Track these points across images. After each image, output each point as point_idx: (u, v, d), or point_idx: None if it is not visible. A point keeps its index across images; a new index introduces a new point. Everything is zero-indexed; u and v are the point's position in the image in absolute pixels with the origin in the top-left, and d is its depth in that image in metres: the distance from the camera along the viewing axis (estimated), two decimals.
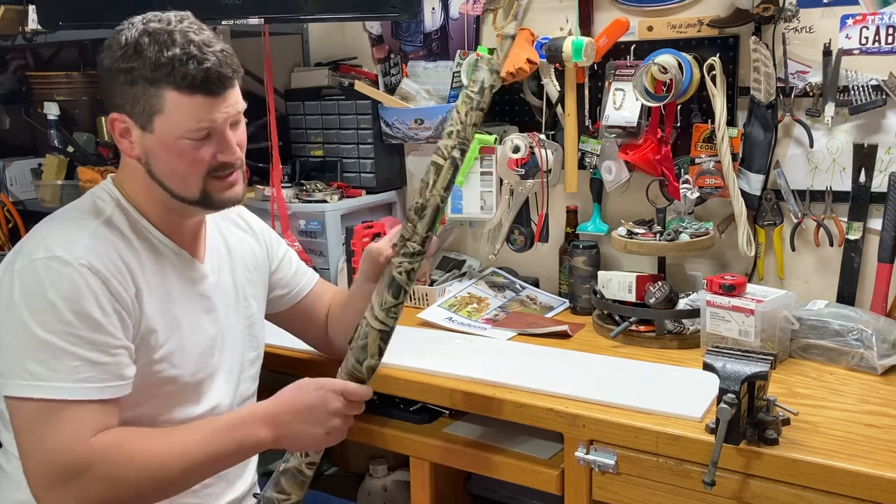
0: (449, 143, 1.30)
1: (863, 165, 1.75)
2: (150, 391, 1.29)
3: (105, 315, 1.21)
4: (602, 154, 1.96)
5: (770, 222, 1.87)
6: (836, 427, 1.35)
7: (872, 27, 1.70)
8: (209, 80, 1.23)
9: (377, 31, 2.34)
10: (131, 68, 1.23)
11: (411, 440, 1.68)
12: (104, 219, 1.30)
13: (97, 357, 1.20)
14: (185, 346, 1.35)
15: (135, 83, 1.23)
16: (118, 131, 1.29)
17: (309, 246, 2.21)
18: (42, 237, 1.26)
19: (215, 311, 1.42)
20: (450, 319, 1.92)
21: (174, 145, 1.26)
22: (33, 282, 1.20)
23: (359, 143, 2.34)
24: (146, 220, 1.34)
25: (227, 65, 1.26)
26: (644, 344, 1.75)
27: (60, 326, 1.18)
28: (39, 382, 1.17)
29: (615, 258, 2.06)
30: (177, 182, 1.30)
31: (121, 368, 1.23)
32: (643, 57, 1.89)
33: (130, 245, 1.30)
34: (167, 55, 1.22)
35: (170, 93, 1.23)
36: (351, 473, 2.31)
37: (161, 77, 1.22)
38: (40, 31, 1.90)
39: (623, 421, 1.40)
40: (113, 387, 1.22)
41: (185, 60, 1.22)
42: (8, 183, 2.65)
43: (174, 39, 1.23)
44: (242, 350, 1.48)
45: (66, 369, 1.18)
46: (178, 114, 1.24)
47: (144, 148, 1.28)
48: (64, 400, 1.18)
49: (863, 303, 1.77)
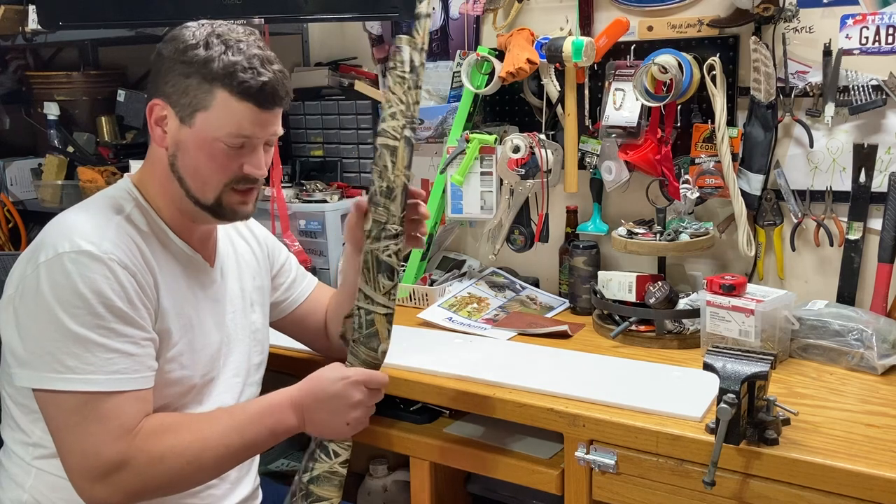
0: (396, 123, 1.31)
1: (863, 165, 1.75)
2: (157, 391, 1.30)
3: (134, 308, 1.24)
4: (602, 154, 1.96)
5: (770, 222, 1.87)
6: (836, 427, 1.35)
7: (872, 27, 1.70)
8: (263, 93, 1.26)
9: (377, 31, 2.34)
10: (192, 61, 1.25)
11: (411, 440, 1.68)
12: (125, 215, 1.31)
13: (130, 349, 1.22)
14: (195, 348, 1.36)
15: (190, 76, 1.26)
16: (155, 118, 1.30)
17: (309, 246, 2.21)
18: (66, 231, 1.25)
19: (224, 316, 1.44)
20: (450, 319, 1.92)
21: (208, 145, 1.28)
22: (62, 275, 1.20)
23: (359, 143, 2.34)
24: (163, 221, 1.35)
25: (283, 85, 1.30)
26: (644, 344, 1.75)
27: (93, 320, 1.19)
28: (75, 375, 1.19)
29: (615, 258, 2.06)
30: (197, 182, 1.31)
31: (151, 359, 1.26)
32: (643, 57, 1.89)
33: (150, 243, 1.32)
34: (231, 59, 1.25)
35: (222, 93, 1.25)
36: (351, 473, 2.30)
37: (219, 76, 1.24)
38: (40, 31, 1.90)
39: (623, 421, 1.40)
40: (145, 377, 1.25)
41: (247, 68, 1.25)
42: (8, 183, 2.65)
43: (241, 48, 1.26)
44: (248, 355, 1.49)
45: (101, 361, 1.19)
46: (224, 116, 1.26)
47: (177, 140, 1.29)
48: (102, 392, 1.19)
49: (863, 303, 1.77)
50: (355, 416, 1.31)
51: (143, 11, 1.90)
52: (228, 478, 1.42)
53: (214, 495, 1.40)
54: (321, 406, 1.30)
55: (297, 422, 1.31)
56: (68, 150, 2.53)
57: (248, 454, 1.33)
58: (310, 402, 1.31)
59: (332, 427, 1.32)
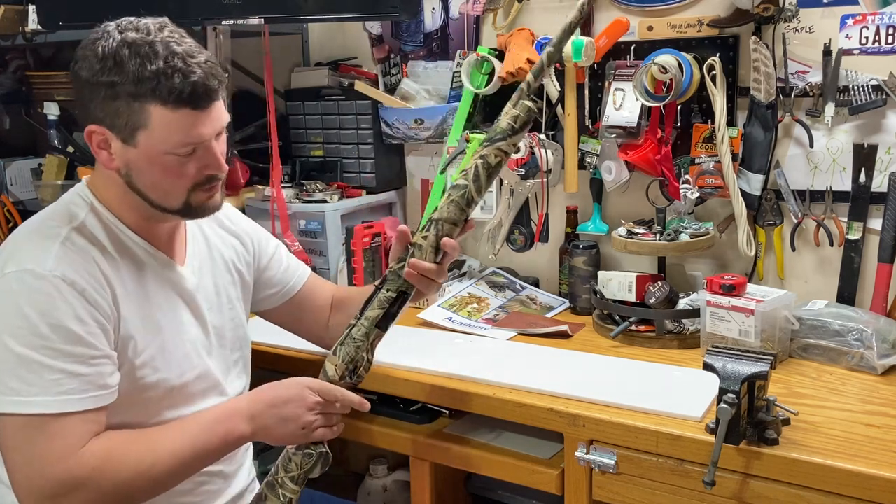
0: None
1: (863, 165, 1.75)
2: (135, 396, 1.28)
3: (83, 325, 1.19)
4: (602, 154, 1.96)
5: (770, 222, 1.87)
6: (836, 427, 1.35)
7: (872, 27, 1.70)
8: (196, 94, 1.20)
9: (377, 31, 2.34)
10: (113, 82, 1.18)
11: (411, 440, 1.68)
12: (77, 224, 1.27)
13: (77, 369, 1.18)
14: (167, 350, 1.32)
15: (117, 98, 1.19)
16: (96, 143, 1.25)
17: (309, 246, 2.21)
18: (12, 250, 1.23)
19: (198, 313, 1.40)
20: (450, 319, 1.92)
21: (159, 160, 1.23)
22: (6, 296, 1.18)
23: (359, 143, 2.34)
24: (122, 222, 1.31)
25: (213, 76, 1.22)
26: (644, 344, 1.75)
27: (37, 340, 1.16)
28: (19, 398, 1.16)
29: (615, 258, 2.06)
30: (159, 194, 1.27)
31: (103, 378, 1.22)
32: (643, 57, 1.89)
33: (105, 250, 1.27)
34: (151, 69, 1.17)
35: (155, 108, 1.19)
36: (351, 473, 2.31)
37: (145, 92, 1.18)
38: (40, 31, 1.90)
39: (623, 421, 1.40)
40: (95, 396, 1.20)
41: (171, 74, 1.18)
42: (8, 183, 2.65)
43: (156, 51, 1.18)
44: (228, 350, 1.47)
45: (46, 383, 1.16)
46: (165, 129, 1.20)
47: (125, 161, 1.25)
48: (47, 414, 1.16)
49: (863, 303, 1.77)
50: (308, 419, 1.30)
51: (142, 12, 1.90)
52: (222, 473, 1.42)
53: (209, 491, 1.40)
54: (274, 412, 1.29)
55: (250, 429, 1.30)
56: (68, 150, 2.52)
57: (204, 462, 1.30)
58: (262, 407, 1.30)
59: (286, 432, 1.31)
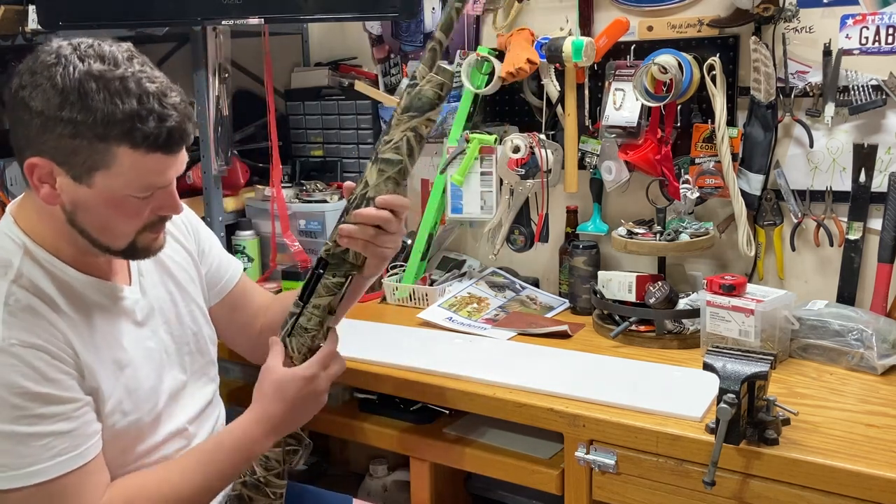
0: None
1: (863, 165, 1.75)
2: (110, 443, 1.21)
3: (54, 384, 1.12)
4: (602, 154, 1.96)
5: (770, 222, 1.87)
6: (836, 427, 1.35)
7: (872, 27, 1.70)
8: (171, 139, 1.11)
9: (377, 31, 2.34)
10: (74, 120, 1.06)
11: (411, 440, 1.68)
12: (14, 275, 1.14)
13: (62, 427, 1.12)
14: (131, 388, 1.24)
15: (78, 136, 1.07)
16: (37, 176, 1.12)
17: (309, 246, 2.21)
18: None
19: (155, 332, 1.32)
20: (450, 319, 1.92)
21: (116, 202, 1.13)
22: None
23: (359, 143, 2.34)
24: (59, 259, 1.19)
25: (188, 118, 1.13)
26: (644, 344, 1.75)
27: (13, 413, 1.09)
28: (15, 472, 1.09)
29: (615, 258, 2.06)
30: (106, 235, 1.17)
31: (89, 426, 1.16)
32: (643, 57, 1.89)
33: (51, 302, 1.16)
34: (124, 108, 1.07)
35: (123, 151, 1.08)
36: (351, 473, 2.31)
37: (116, 134, 1.07)
38: (40, 31, 1.90)
39: (623, 421, 1.40)
40: (90, 446, 1.16)
41: (145, 117, 1.07)
42: (8, 183, 2.64)
43: (128, 88, 1.07)
44: (191, 359, 1.39)
45: (37, 451, 1.10)
46: (129, 172, 1.10)
47: (73, 199, 1.13)
48: (49, 480, 1.11)
49: (863, 303, 1.77)
50: (323, 400, 1.31)
51: (143, 12, 1.90)
52: None
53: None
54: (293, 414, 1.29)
55: (272, 439, 1.30)
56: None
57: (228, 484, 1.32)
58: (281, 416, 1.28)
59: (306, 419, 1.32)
